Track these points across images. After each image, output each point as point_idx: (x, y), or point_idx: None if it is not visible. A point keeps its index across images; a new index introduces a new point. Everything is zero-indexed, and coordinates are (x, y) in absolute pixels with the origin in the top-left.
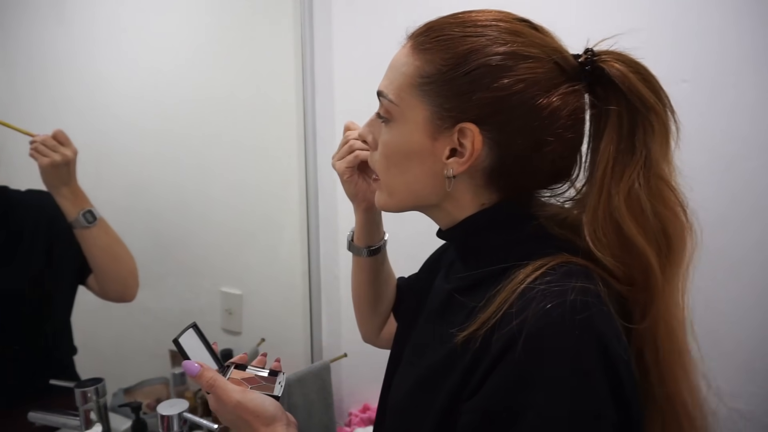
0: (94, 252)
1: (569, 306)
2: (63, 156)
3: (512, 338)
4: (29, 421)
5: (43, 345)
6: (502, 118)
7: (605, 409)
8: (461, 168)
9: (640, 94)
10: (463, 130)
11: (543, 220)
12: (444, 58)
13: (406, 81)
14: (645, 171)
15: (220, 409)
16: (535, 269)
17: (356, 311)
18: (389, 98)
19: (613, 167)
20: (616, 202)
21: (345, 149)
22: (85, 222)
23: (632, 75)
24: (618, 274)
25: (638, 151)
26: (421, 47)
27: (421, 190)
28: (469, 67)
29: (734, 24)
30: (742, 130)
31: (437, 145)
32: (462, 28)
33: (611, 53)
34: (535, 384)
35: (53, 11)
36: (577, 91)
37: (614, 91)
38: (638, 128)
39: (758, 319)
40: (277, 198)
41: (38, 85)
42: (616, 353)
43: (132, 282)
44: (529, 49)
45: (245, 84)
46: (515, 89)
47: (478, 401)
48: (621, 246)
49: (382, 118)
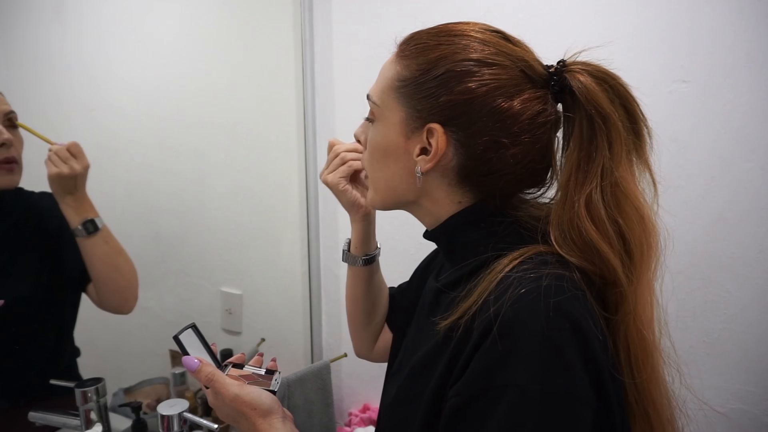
0: (93, 261)
1: (543, 290)
2: (71, 169)
3: (490, 323)
4: (29, 421)
5: (47, 347)
6: (465, 119)
7: (580, 389)
8: (428, 165)
9: (598, 104)
10: (431, 130)
11: (522, 217)
12: (418, 64)
13: (387, 84)
14: (602, 179)
15: (218, 403)
16: (513, 259)
17: (351, 324)
18: (373, 100)
19: (576, 174)
20: (576, 208)
21: (336, 161)
22: (84, 231)
23: (594, 86)
24: (588, 271)
25: (596, 160)
26: (402, 54)
27: (398, 187)
28: (437, 72)
29: (733, 24)
30: (740, 131)
31: (410, 143)
32: (437, 38)
33: (581, 64)
34: (511, 364)
35: (54, 11)
36: (540, 98)
37: (576, 101)
38: (596, 137)
39: (757, 319)
40: (277, 198)
41: (39, 85)
42: (590, 333)
43: (130, 295)
44: (495, 57)
45: (245, 84)
46: (478, 92)
47: (461, 386)
48: (585, 250)
49: (369, 119)
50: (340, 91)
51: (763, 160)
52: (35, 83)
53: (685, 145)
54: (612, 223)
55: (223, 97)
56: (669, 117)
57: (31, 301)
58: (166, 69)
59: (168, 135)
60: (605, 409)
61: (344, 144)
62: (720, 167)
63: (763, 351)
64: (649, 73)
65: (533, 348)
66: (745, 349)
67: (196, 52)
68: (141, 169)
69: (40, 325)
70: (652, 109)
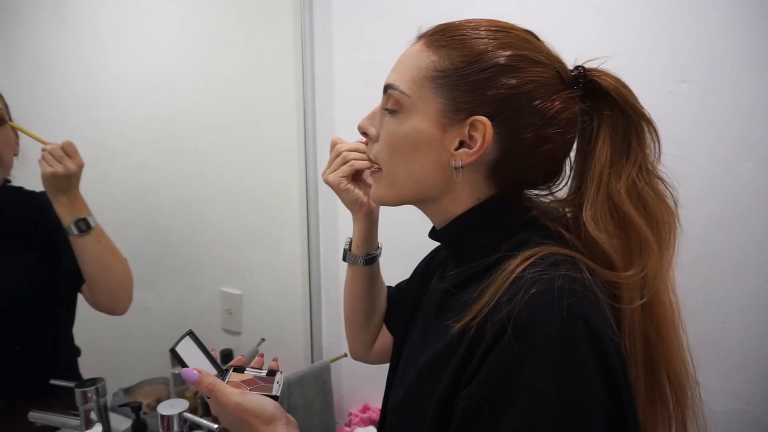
0: (85, 261)
1: (557, 292)
2: (65, 168)
3: (503, 325)
4: (29, 421)
5: (46, 346)
6: (511, 114)
7: (595, 390)
8: (470, 159)
9: (632, 103)
10: (475, 123)
11: (533, 214)
12: (460, 55)
13: (420, 74)
14: (644, 169)
15: (220, 413)
16: (525, 259)
17: (349, 326)
18: (401, 89)
19: (611, 167)
20: (617, 196)
21: (338, 161)
22: (76, 230)
23: (622, 88)
24: (612, 257)
25: (633, 153)
26: (437, 44)
27: (425, 181)
28: (484, 65)
29: (733, 24)
30: (740, 131)
31: (447, 136)
32: (477, 31)
33: (599, 70)
34: (526, 367)
35: (54, 11)
36: (574, 99)
37: (608, 102)
38: (632, 133)
39: (757, 319)
40: (277, 198)
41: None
42: (604, 335)
43: (123, 296)
44: (537, 55)
45: (245, 84)
46: (525, 89)
47: (474, 388)
48: (619, 227)
49: (390, 110)
50: (340, 92)
51: (763, 160)
52: (35, 83)
53: (685, 145)
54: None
55: (224, 97)
56: (669, 117)
57: (30, 300)
58: (166, 69)
59: (168, 135)
60: (618, 409)
61: (347, 143)
62: (720, 167)
63: (763, 351)
64: (649, 73)
65: (549, 349)
66: (745, 349)
67: (197, 52)
68: (141, 169)
69: (39, 323)
70: (652, 109)
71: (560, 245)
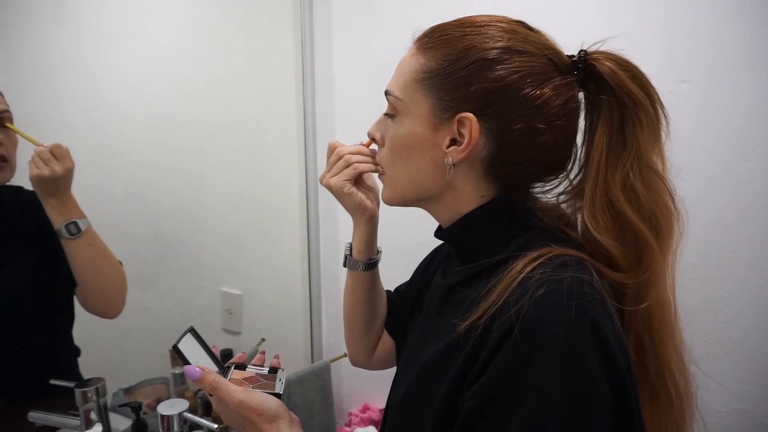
0: (76, 263)
1: (565, 293)
2: (51, 171)
3: (511, 324)
4: (29, 421)
5: (45, 346)
6: (498, 107)
7: (601, 391)
8: (460, 156)
9: (629, 90)
10: (462, 120)
11: (539, 214)
12: (444, 54)
13: (411, 77)
14: (636, 162)
15: (223, 410)
16: (532, 260)
17: (349, 333)
18: (395, 95)
19: (607, 158)
20: (613, 190)
21: (340, 164)
22: (67, 233)
23: (621, 72)
24: (617, 258)
25: (629, 144)
26: (425, 47)
27: (423, 181)
28: (467, 61)
29: (733, 24)
30: (740, 131)
31: (438, 135)
32: (462, 29)
33: (603, 53)
34: (533, 366)
35: (54, 11)
36: (569, 84)
37: (605, 88)
38: (628, 122)
39: (758, 319)
40: (277, 198)
41: (39, 85)
42: (609, 336)
43: (115, 299)
44: (523, 45)
45: (245, 84)
46: (510, 80)
47: (480, 386)
48: (619, 229)
49: (389, 115)
50: (340, 91)
51: (763, 160)
52: (35, 83)
53: (685, 145)
54: (647, 203)
55: (224, 97)
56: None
57: (29, 300)
58: (166, 69)
59: (168, 135)
60: (623, 409)
61: (347, 146)
62: (720, 167)
63: (763, 351)
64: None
65: (556, 349)
66: (745, 349)
67: (197, 52)
68: (141, 169)
69: (39, 323)
70: None
71: (567, 246)
